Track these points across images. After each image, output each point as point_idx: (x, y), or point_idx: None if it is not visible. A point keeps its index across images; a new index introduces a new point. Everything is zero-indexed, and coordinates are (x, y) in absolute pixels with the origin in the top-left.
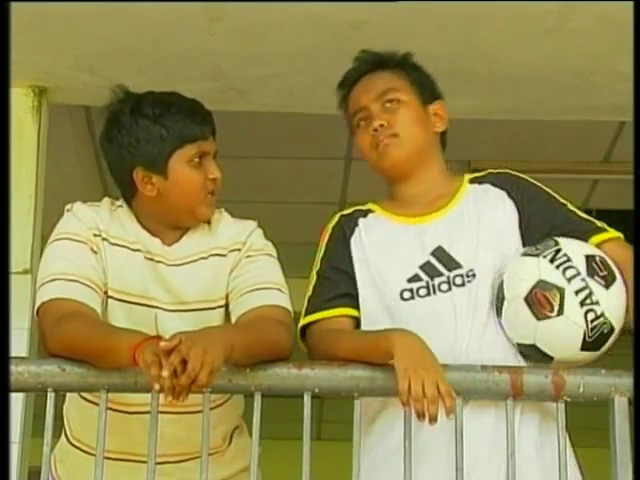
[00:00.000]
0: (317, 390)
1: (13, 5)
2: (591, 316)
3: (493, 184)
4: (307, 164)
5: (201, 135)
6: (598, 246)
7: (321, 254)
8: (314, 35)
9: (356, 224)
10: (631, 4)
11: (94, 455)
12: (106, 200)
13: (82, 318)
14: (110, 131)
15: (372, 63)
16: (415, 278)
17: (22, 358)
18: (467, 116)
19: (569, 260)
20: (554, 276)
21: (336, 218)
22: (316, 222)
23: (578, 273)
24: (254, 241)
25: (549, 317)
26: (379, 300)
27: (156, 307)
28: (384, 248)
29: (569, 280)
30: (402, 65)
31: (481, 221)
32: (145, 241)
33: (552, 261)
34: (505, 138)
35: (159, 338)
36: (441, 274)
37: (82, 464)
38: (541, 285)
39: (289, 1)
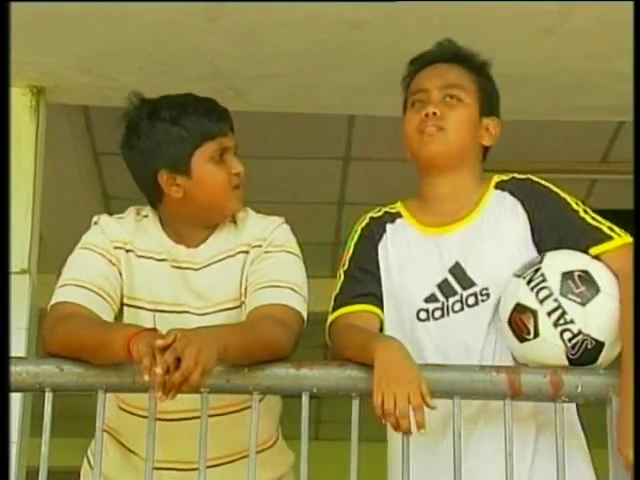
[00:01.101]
0: (315, 390)
1: (13, 5)
2: (567, 335)
3: (512, 192)
4: (305, 164)
5: (220, 131)
6: (599, 256)
7: (349, 254)
8: (313, 35)
9: (384, 230)
10: (630, 4)
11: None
12: (131, 211)
13: (78, 318)
14: (130, 139)
15: (452, 54)
16: (432, 298)
17: (20, 358)
18: None
19: (544, 280)
20: (529, 298)
21: (366, 219)
22: (315, 222)
23: (551, 293)
24: (276, 237)
25: (528, 340)
26: (394, 315)
27: (188, 312)
28: (405, 263)
29: (542, 302)
30: (477, 69)
31: (498, 235)
32: (170, 250)
33: (529, 282)
34: (503, 138)
35: (154, 330)
36: (456, 293)
37: (129, 464)
38: (518, 308)
39: (288, 1)
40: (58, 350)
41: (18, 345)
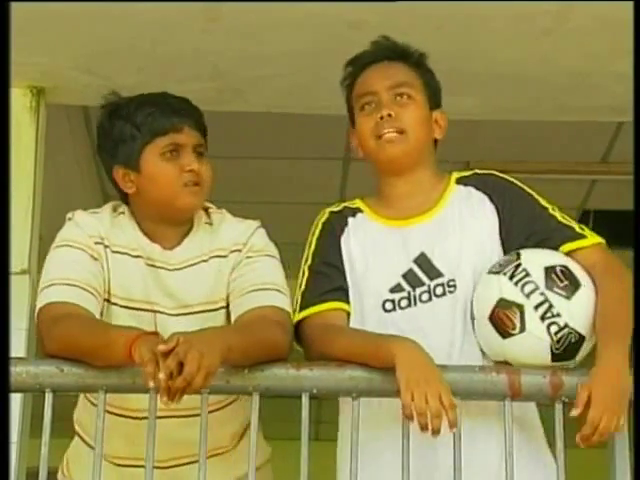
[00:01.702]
0: (315, 391)
1: (12, 5)
2: (554, 329)
3: (476, 187)
4: (305, 164)
5: (172, 127)
6: (571, 253)
7: (312, 249)
8: (312, 35)
9: (346, 223)
10: (629, 5)
11: (108, 461)
12: (108, 206)
13: (77, 318)
14: (98, 138)
15: (391, 51)
16: (397, 288)
17: (20, 359)
18: (465, 117)
19: (528, 275)
20: (513, 293)
21: (326, 214)
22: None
23: (537, 287)
24: (255, 242)
25: (513, 335)
26: (359, 307)
27: (159, 312)
28: (369, 255)
29: (528, 296)
30: (418, 64)
31: (464, 227)
32: (145, 247)
33: (512, 277)
34: (503, 139)
35: (155, 334)
36: (423, 283)
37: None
38: (502, 304)
39: (287, 1)
40: (57, 351)
41: (18, 346)
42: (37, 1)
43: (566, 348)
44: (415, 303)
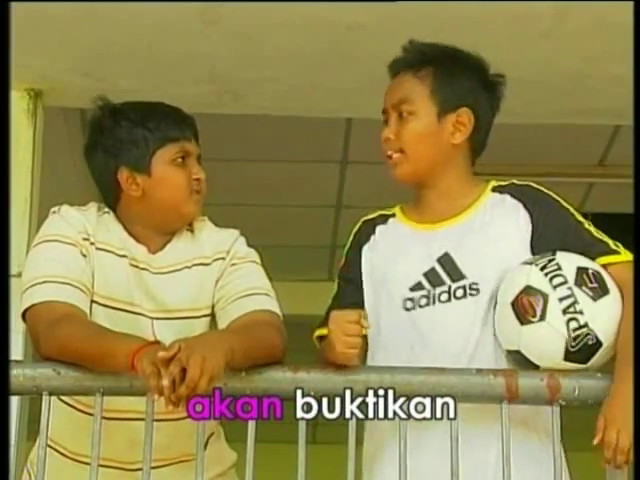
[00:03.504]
0: (312, 394)
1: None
2: (573, 325)
3: (512, 195)
4: (303, 167)
5: (183, 135)
6: (605, 266)
7: (341, 264)
8: (310, 38)
9: (373, 231)
10: (627, 7)
11: (70, 458)
12: (93, 205)
13: (77, 321)
14: (93, 137)
15: (403, 63)
16: (418, 286)
17: (17, 361)
18: None
19: (559, 269)
20: (541, 282)
21: (358, 224)
22: (312, 225)
23: (565, 281)
24: (237, 249)
25: (531, 322)
26: (381, 308)
27: (140, 314)
28: (391, 256)
29: (555, 287)
30: (438, 65)
31: (494, 232)
32: (131, 248)
33: (543, 269)
34: (500, 141)
35: (157, 343)
36: (443, 283)
37: (56, 466)
38: (527, 290)
39: (285, 2)
40: (54, 354)
41: (15, 348)
42: (35, 1)
43: (581, 348)
44: (434, 302)
